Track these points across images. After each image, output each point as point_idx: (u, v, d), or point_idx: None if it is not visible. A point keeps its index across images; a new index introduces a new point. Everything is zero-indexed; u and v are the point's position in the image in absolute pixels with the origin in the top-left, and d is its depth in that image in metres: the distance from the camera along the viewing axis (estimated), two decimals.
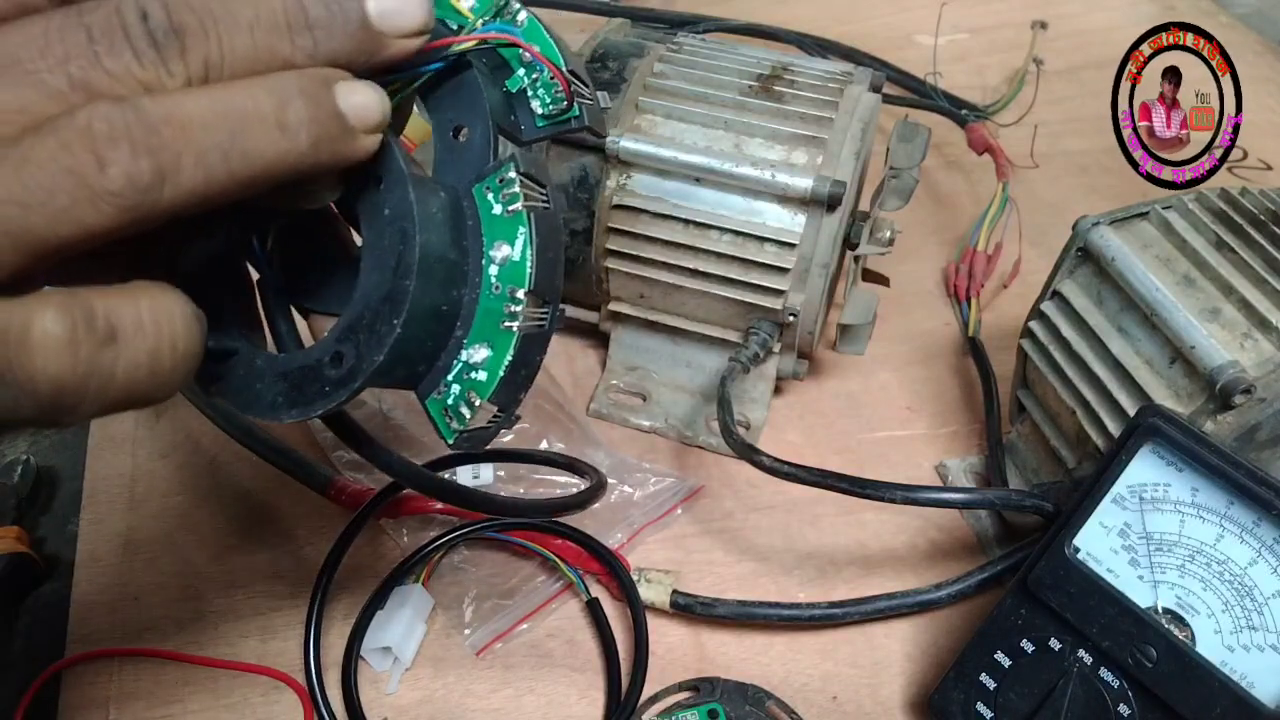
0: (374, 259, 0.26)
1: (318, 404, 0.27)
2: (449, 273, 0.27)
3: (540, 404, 0.55)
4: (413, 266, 0.25)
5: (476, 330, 0.27)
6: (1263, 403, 0.40)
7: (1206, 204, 0.45)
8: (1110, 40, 0.85)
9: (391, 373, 0.27)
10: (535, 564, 0.48)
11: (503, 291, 0.27)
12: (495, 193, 0.27)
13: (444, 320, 0.27)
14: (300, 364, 0.27)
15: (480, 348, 0.27)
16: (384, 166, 0.26)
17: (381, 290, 0.26)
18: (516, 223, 0.27)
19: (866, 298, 0.52)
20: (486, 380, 0.27)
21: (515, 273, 0.27)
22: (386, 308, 0.26)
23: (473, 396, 0.27)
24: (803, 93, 0.51)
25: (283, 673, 0.44)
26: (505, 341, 0.27)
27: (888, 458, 0.55)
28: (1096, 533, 0.39)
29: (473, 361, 0.27)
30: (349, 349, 0.26)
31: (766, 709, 0.43)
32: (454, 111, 0.29)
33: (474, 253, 0.27)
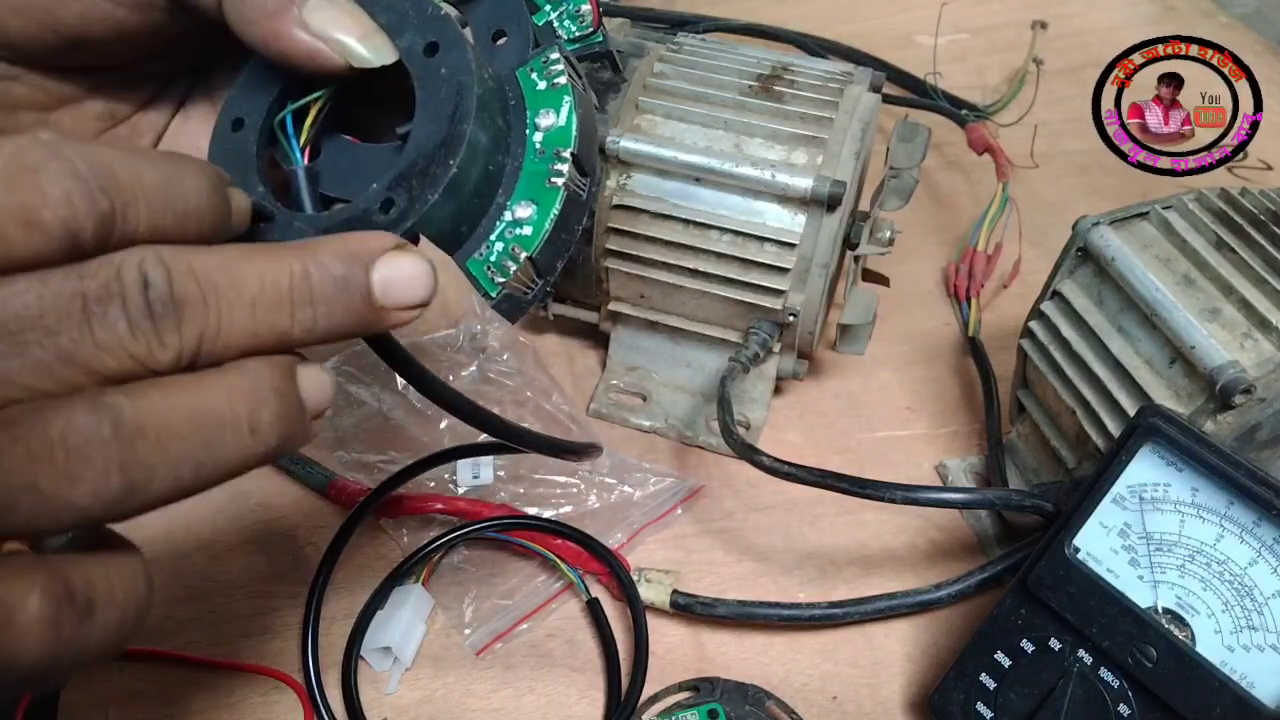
0: (429, 113, 0.27)
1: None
2: (497, 135, 0.28)
3: (540, 404, 0.55)
4: (470, 112, 0.27)
5: (521, 189, 0.29)
6: (1263, 403, 0.40)
7: (1206, 204, 0.45)
8: (1110, 40, 0.85)
9: (439, 222, 0.27)
10: (535, 564, 0.48)
11: (548, 154, 0.29)
12: (539, 72, 0.29)
13: (489, 180, 0.28)
14: (345, 217, 0.27)
15: (525, 205, 0.28)
16: (440, 33, 0.28)
17: (438, 137, 0.27)
18: (562, 93, 0.29)
19: (866, 298, 0.52)
20: (531, 235, 0.28)
21: (560, 136, 0.29)
22: (443, 151, 0.27)
23: (517, 251, 0.28)
24: (803, 93, 0.51)
25: (283, 673, 0.44)
26: (551, 198, 0.28)
27: (888, 458, 0.55)
28: (1096, 533, 0.39)
29: (518, 217, 0.28)
30: (401, 194, 0.27)
31: (766, 709, 0.43)
32: (494, 18, 0.31)
33: (516, 129, 0.29)
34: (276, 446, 0.23)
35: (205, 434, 0.22)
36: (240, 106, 0.30)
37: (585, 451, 0.39)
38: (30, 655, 0.20)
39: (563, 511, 0.50)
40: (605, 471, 0.52)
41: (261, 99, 0.30)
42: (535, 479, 0.52)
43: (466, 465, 0.51)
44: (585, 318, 0.58)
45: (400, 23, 0.28)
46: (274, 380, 0.23)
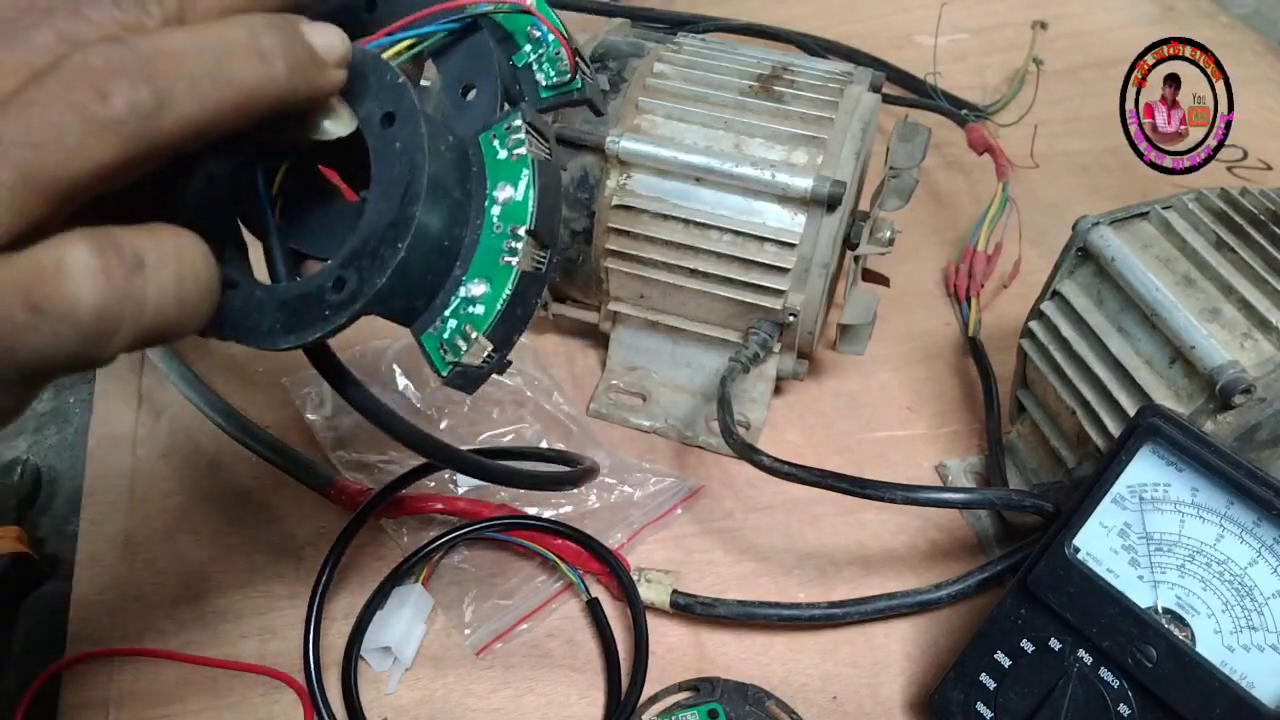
0: (381, 189, 0.27)
1: (316, 328, 0.27)
2: (453, 209, 0.28)
3: (540, 404, 0.55)
4: (420, 194, 0.26)
5: (476, 267, 0.28)
6: (1263, 403, 0.40)
7: (1206, 204, 0.45)
8: (1110, 40, 0.86)
9: (390, 301, 0.27)
10: (535, 564, 0.48)
11: (504, 230, 0.28)
12: (501, 139, 0.29)
13: (445, 256, 0.28)
14: (301, 291, 0.28)
15: (479, 283, 0.28)
16: (397, 103, 0.27)
17: (387, 217, 0.27)
18: (520, 165, 0.28)
19: (866, 298, 0.52)
20: (483, 314, 0.28)
21: (517, 211, 0.28)
22: (391, 233, 0.26)
23: (469, 330, 0.28)
24: (803, 93, 0.51)
25: (283, 673, 0.44)
26: (504, 277, 0.28)
27: (888, 458, 0.55)
28: (1096, 533, 0.39)
29: (471, 295, 0.28)
30: (351, 274, 0.27)
31: (766, 709, 0.43)
32: (464, 71, 0.31)
33: (477, 198, 0.28)
34: (288, 75, 0.25)
35: (214, 53, 0.23)
36: (209, 163, 0.30)
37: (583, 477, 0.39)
38: (86, 303, 0.22)
39: (563, 511, 0.50)
40: (605, 471, 0.52)
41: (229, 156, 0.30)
42: None
43: None
44: (585, 318, 0.58)
45: (360, 88, 0.28)
46: (268, 20, 0.25)
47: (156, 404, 0.56)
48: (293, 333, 0.28)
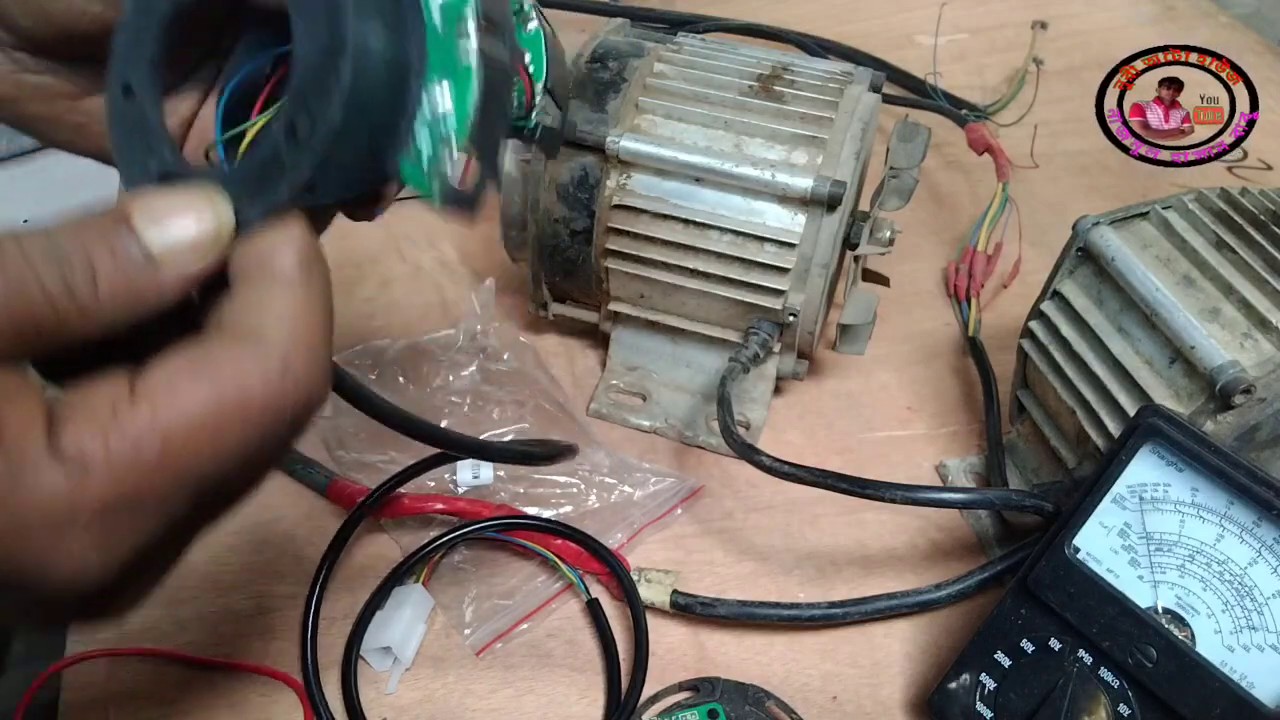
0: (303, 10, 0.24)
1: (282, 185, 0.24)
2: (387, 17, 0.25)
3: (540, 404, 0.55)
4: (347, 6, 0.24)
5: (432, 72, 0.25)
6: (1263, 403, 0.40)
7: (1206, 204, 0.45)
8: (1110, 40, 0.86)
9: (354, 137, 0.24)
10: (535, 564, 0.48)
11: (449, 21, 0.25)
12: None
13: (395, 70, 0.25)
14: (255, 159, 0.25)
15: (442, 89, 0.25)
16: None
17: (320, 41, 0.24)
18: None
19: (866, 298, 0.52)
20: (457, 118, 0.25)
21: (456, 2, 0.25)
22: (329, 59, 0.24)
23: (450, 140, 0.25)
24: (803, 93, 0.51)
25: (282, 673, 0.44)
26: (465, 76, 0.25)
27: (888, 458, 0.55)
28: (1096, 533, 0.39)
29: (436, 104, 0.25)
30: (301, 118, 0.24)
31: (766, 709, 0.43)
32: None
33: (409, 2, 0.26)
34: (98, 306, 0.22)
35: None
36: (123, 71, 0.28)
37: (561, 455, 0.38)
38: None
39: (563, 511, 0.50)
40: (605, 471, 0.52)
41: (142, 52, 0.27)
42: (535, 479, 0.51)
43: (466, 465, 0.51)
44: (585, 318, 0.58)
45: None
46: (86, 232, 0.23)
47: None
48: (259, 199, 0.25)
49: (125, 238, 0.23)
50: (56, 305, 0.22)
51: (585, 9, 0.82)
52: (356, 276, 0.63)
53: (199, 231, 0.24)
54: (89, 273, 0.22)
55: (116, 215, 0.23)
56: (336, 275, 0.32)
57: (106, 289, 0.23)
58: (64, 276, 0.22)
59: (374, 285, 0.63)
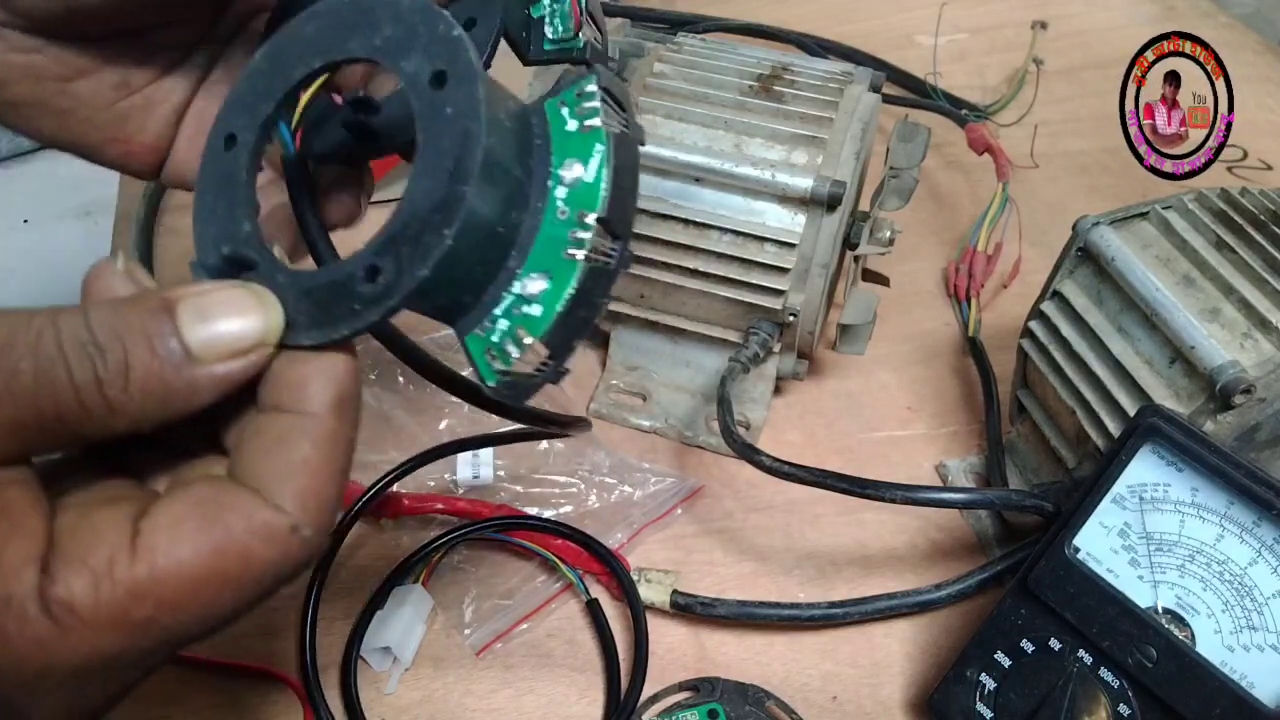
0: (428, 163, 0.23)
1: (343, 324, 0.23)
2: (510, 189, 0.24)
3: (540, 404, 0.55)
4: (473, 172, 0.22)
5: (535, 259, 0.24)
6: (1263, 403, 0.40)
7: (1206, 204, 0.45)
8: (1110, 40, 0.86)
9: (433, 296, 0.23)
10: (535, 564, 0.48)
11: (570, 216, 0.24)
12: (571, 108, 0.25)
13: (498, 245, 0.24)
14: (328, 279, 0.24)
15: (538, 278, 0.24)
16: (451, 60, 0.23)
17: (434, 198, 0.23)
18: (593, 139, 0.24)
19: (866, 298, 0.52)
20: (541, 315, 0.24)
21: (587, 195, 0.24)
22: (437, 217, 0.22)
23: (522, 333, 0.24)
24: (803, 93, 0.51)
25: (282, 673, 0.44)
26: (568, 272, 0.24)
27: (888, 458, 0.55)
28: (1096, 533, 0.39)
29: (527, 293, 0.24)
30: (387, 263, 0.23)
31: (766, 709, 0.43)
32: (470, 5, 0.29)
33: (539, 176, 0.24)
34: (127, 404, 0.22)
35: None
36: (233, 120, 0.27)
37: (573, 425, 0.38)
38: None
39: (563, 511, 0.50)
40: (605, 471, 0.52)
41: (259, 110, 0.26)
42: (535, 479, 0.52)
43: (466, 465, 0.51)
44: None
45: (408, 39, 0.24)
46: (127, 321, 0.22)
47: None
48: (316, 328, 0.24)
49: (166, 332, 0.22)
50: (83, 398, 0.21)
51: None
52: None
53: (243, 335, 0.23)
54: (121, 367, 0.21)
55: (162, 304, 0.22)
56: None
57: (138, 385, 0.22)
58: (95, 369, 0.21)
59: None
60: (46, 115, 0.32)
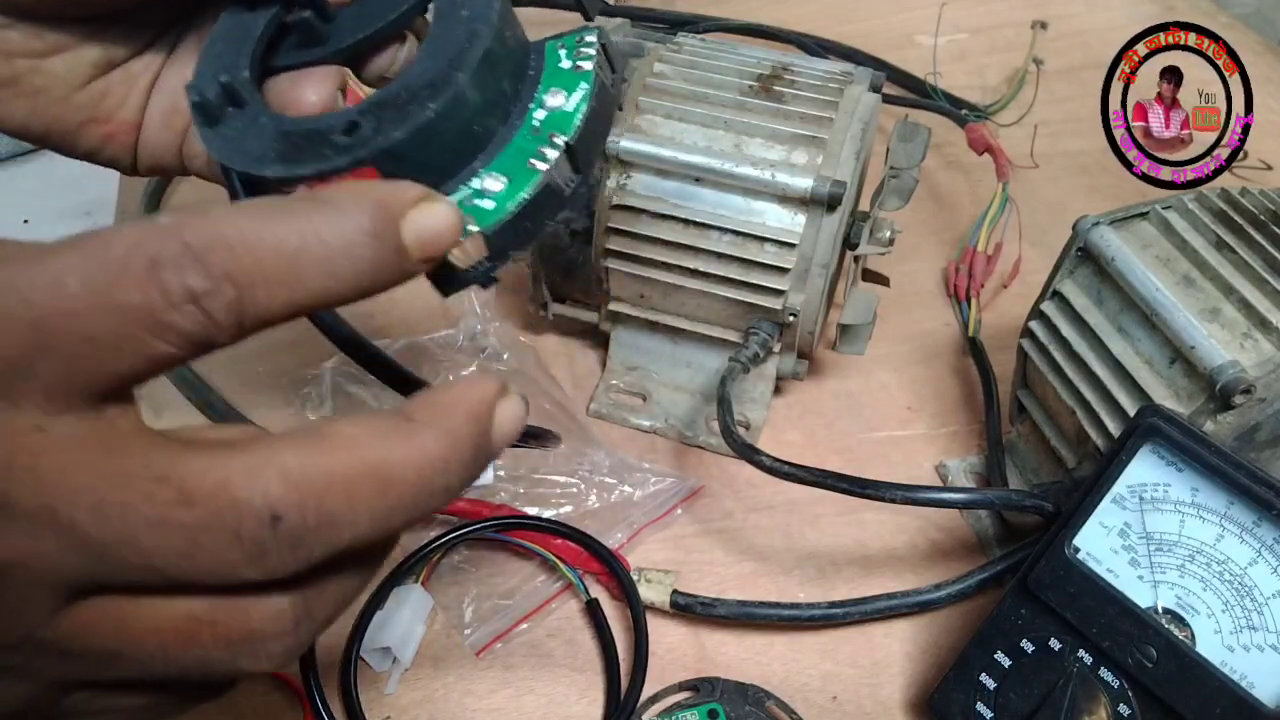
0: (432, 49, 0.26)
1: (308, 165, 0.25)
2: (495, 97, 0.26)
3: (540, 404, 0.55)
4: (472, 64, 0.25)
5: (499, 162, 0.26)
6: (1263, 403, 0.40)
7: (1206, 204, 0.45)
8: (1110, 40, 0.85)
9: (398, 162, 0.25)
10: (535, 564, 0.48)
11: (542, 134, 0.26)
12: (569, 50, 0.27)
13: (470, 140, 0.26)
14: (308, 127, 0.26)
15: (496, 178, 0.26)
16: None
17: (428, 76, 0.25)
18: (580, 78, 0.27)
19: (866, 298, 0.52)
20: (492, 210, 0.26)
21: (562, 120, 0.26)
22: (426, 91, 0.25)
23: (469, 221, 0.26)
24: (803, 93, 0.51)
25: (283, 673, 0.44)
26: (526, 179, 0.26)
27: (888, 458, 0.55)
28: (1096, 533, 0.39)
29: (484, 188, 0.26)
30: (368, 121, 0.25)
31: (766, 709, 0.43)
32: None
33: (523, 100, 0.27)
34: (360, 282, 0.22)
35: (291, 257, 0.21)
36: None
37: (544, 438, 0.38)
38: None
39: (563, 511, 0.50)
40: (605, 471, 0.52)
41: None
42: (535, 479, 0.51)
43: None
44: (585, 318, 0.58)
45: None
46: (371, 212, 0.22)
47: (156, 404, 0.56)
48: (282, 162, 0.26)
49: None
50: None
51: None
52: None
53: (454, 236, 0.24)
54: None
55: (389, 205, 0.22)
56: None
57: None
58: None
59: None
60: (20, 96, 0.31)
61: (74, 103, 0.31)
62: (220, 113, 0.27)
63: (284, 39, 0.30)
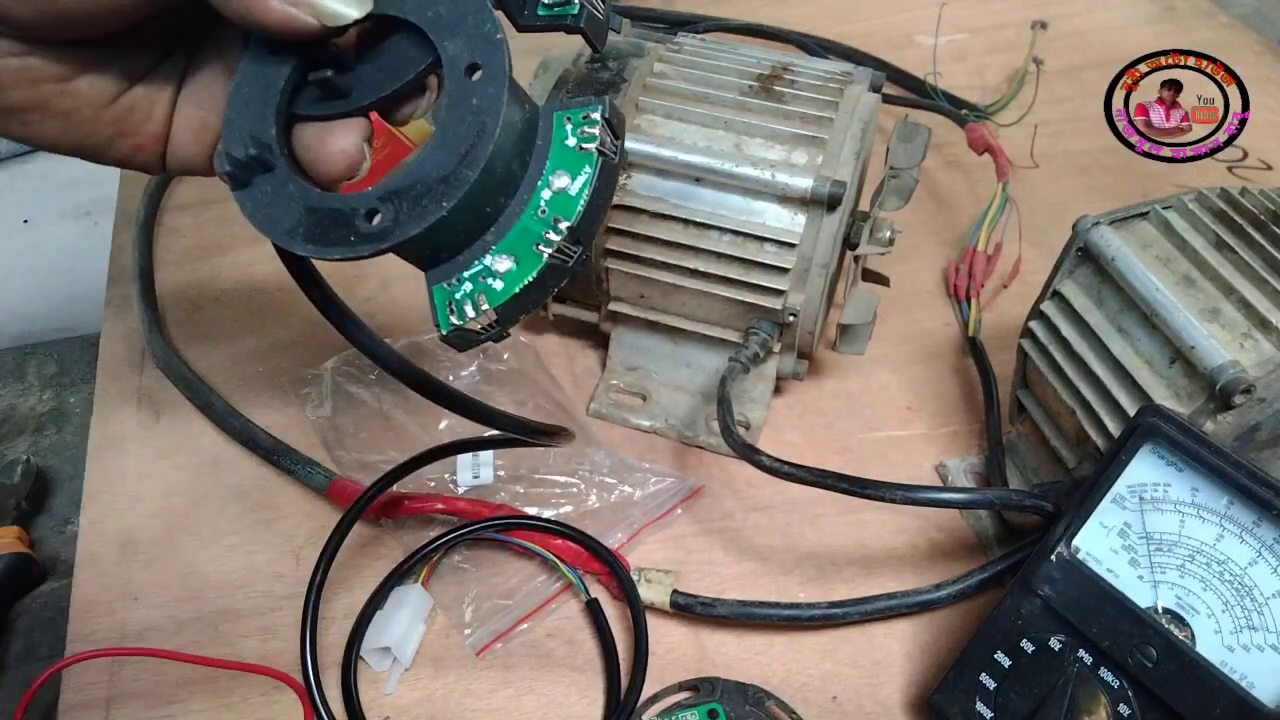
0: (445, 139, 0.27)
1: (336, 250, 0.27)
2: (505, 180, 0.28)
3: (540, 404, 0.55)
4: (480, 162, 0.26)
5: (508, 243, 0.28)
6: (1263, 403, 0.40)
7: (1206, 204, 0.45)
8: (1110, 40, 0.86)
9: (416, 249, 0.28)
10: (535, 564, 0.48)
11: (548, 217, 0.28)
12: (575, 126, 0.28)
13: (483, 221, 0.28)
14: (333, 205, 0.28)
15: (505, 259, 0.28)
16: (488, 58, 0.27)
17: (442, 171, 0.27)
18: (584, 160, 0.28)
19: (866, 298, 0.52)
20: (501, 290, 0.28)
21: (565, 205, 0.28)
22: (440, 188, 0.27)
23: (482, 300, 0.28)
24: (803, 93, 0.51)
25: (283, 673, 0.44)
26: (532, 263, 0.28)
27: (888, 458, 0.55)
28: (1096, 533, 0.39)
29: (494, 269, 0.28)
30: (388, 210, 0.27)
31: (766, 709, 0.43)
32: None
33: (531, 173, 0.28)
34: None
35: None
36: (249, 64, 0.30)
37: (558, 435, 0.38)
38: None
39: (563, 511, 0.50)
40: (605, 471, 0.52)
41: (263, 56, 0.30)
42: (535, 479, 0.52)
43: (466, 465, 0.51)
44: (585, 318, 0.58)
45: (455, 23, 0.28)
46: None
47: (156, 404, 0.56)
48: (311, 243, 0.28)
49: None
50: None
51: None
52: (357, 276, 0.63)
53: None
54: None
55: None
56: (336, 275, 0.33)
57: None
58: None
59: (374, 285, 0.63)
60: (50, 118, 0.32)
61: (103, 119, 0.33)
62: (250, 178, 0.29)
63: (306, 89, 0.30)
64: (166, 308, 0.62)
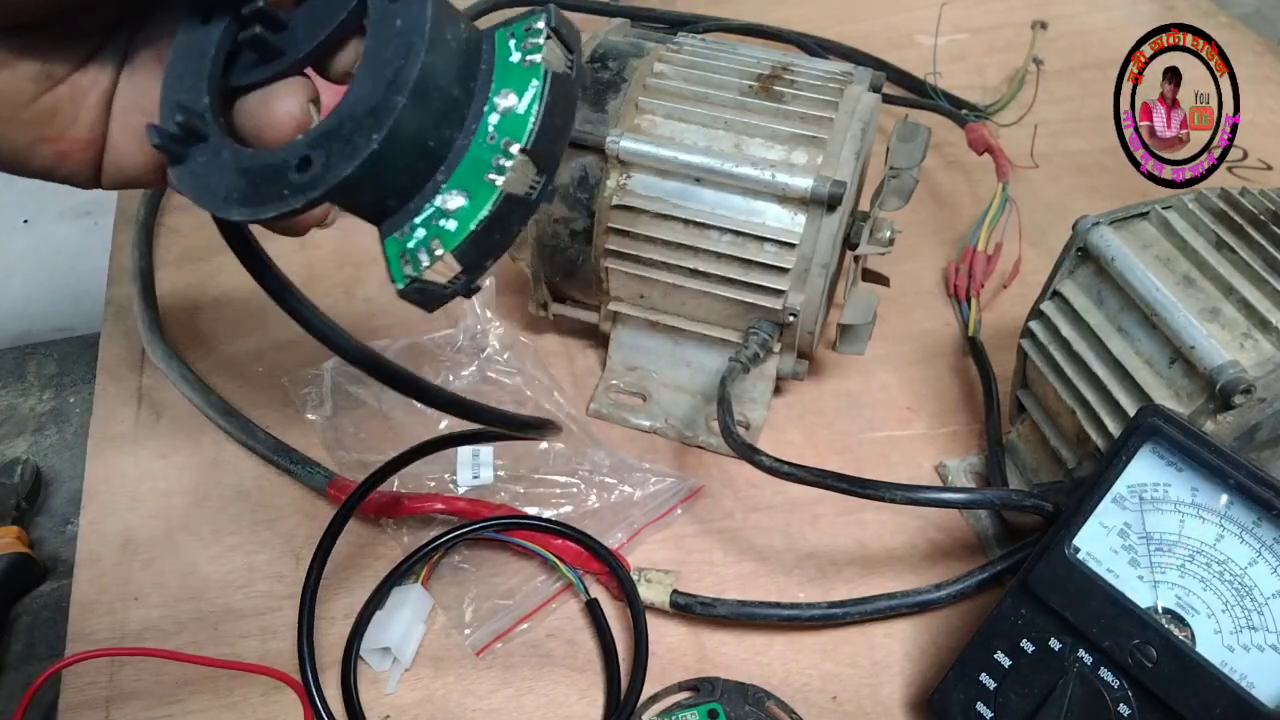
0: (370, 68, 0.25)
1: (271, 205, 0.25)
2: (446, 107, 0.25)
3: (540, 404, 0.55)
4: (408, 84, 0.24)
5: (459, 177, 0.25)
6: (1263, 403, 0.40)
7: (1206, 204, 0.45)
8: (1110, 40, 0.85)
9: (356, 194, 0.25)
10: (535, 564, 0.48)
11: (497, 142, 0.25)
12: (518, 40, 0.26)
13: (427, 157, 0.25)
14: (264, 162, 0.26)
15: (458, 195, 0.25)
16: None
17: (370, 102, 0.24)
18: (530, 74, 0.25)
19: (866, 298, 0.52)
20: (455, 230, 0.25)
21: (515, 126, 0.25)
22: (369, 120, 0.24)
23: (436, 245, 0.25)
24: (803, 93, 0.51)
25: (283, 673, 0.44)
26: (486, 195, 0.25)
27: (888, 458, 0.55)
28: (1096, 533, 0.39)
29: (446, 208, 0.25)
30: (319, 155, 0.24)
31: (766, 709, 0.43)
32: None
33: (479, 99, 0.26)
34: None
35: None
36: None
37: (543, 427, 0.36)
38: None
39: (563, 511, 0.50)
40: (605, 471, 0.52)
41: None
42: (535, 479, 0.52)
43: (466, 465, 0.51)
44: (585, 318, 0.58)
45: None
46: None
47: (156, 404, 0.56)
48: (246, 205, 0.25)
49: None
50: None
51: (585, 9, 0.82)
52: (356, 276, 0.63)
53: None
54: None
55: None
56: (336, 275, 0.32)
57: None
58: None
59: (374, 285, 0.63)
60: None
61: (20, 121, 0.30)
62: (185, 150, 0.27)
63: (241, 56, 0.29)
64: (166, 308, 0.62)
